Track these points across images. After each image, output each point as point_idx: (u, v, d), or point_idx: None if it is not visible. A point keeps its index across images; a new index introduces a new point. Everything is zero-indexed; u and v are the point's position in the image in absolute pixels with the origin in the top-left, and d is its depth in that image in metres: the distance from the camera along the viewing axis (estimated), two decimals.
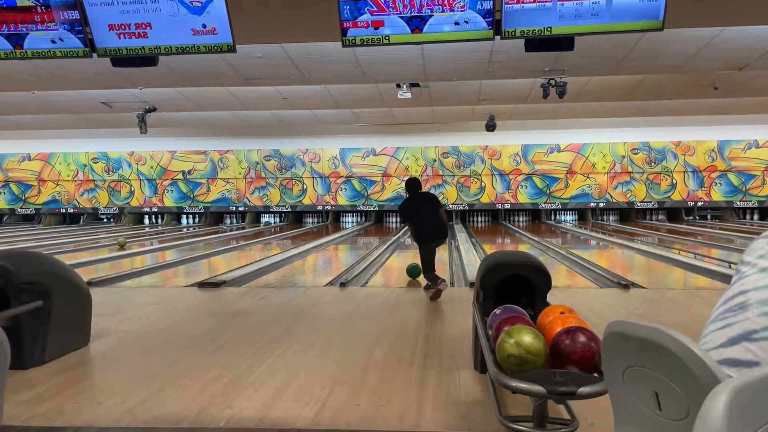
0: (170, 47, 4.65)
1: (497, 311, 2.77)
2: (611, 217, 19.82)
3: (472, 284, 6.26)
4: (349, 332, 4.68)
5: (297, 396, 3.22)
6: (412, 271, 7.59)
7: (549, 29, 4.24)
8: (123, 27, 4.54)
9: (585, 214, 19.61)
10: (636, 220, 19.35)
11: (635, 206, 19.20)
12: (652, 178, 18.99)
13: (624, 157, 19.01)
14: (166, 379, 3.53)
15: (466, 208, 19.47)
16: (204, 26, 4.45)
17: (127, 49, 4.61)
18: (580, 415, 2.70)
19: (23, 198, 20.62)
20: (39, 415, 2.99)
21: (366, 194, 19.65)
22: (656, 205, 19.14)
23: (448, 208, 19.43)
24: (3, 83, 9.74)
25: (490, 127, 15.11)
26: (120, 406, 3.10)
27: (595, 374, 2.24)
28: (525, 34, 4.27)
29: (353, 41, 4.40)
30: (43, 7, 4.49)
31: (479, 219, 19.87)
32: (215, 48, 4.62)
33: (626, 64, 8.87)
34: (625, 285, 6.57)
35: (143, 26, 4.53)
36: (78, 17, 4.53)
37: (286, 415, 2.95)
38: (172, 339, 4.52)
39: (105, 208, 20.50)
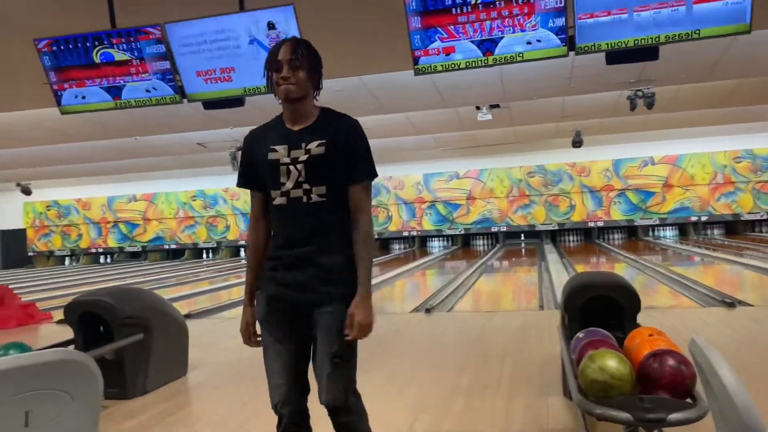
0: (253, 88, 4.90)
1: (580, 335, 2.67)
2: (716, 231, 18.59)
3: None
4: (433, 359, 4.64)
5: (380, 424, 3.22)
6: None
7: (626, 41, 4.12)
8: (209, 72, 4.85)
9: (686, 229, 18.51)
10: (744, 233, 18.04)
11: (742, 218, 17.92)
12: (759, 187, 17.68)
13: (726, 166, 17.86)
14: (256, 408, 3.64)
15: (556, 227, 18.92)
16: None
17: (213, 93, 4.91)
18: None
19: (130, 236, 22.08)
20: None
21: (451, 218, 19.55)
22: (766, 216, 17.78)
23: (536, 228, 18.96)
24: (109, 131, 10.57)
25: (577, 143, 14.70)
26: None
27: (688, 399, 2.11)
28: (601, 48, 4.17)
29: (425, 69, 4.46)
30: (138, 60, 4.88)
31: (570, 238, 19.23)
32: None
33: (720, 70, 8.40)
34: (731, 303, 6.13)
35: (227, 71, 4.81)
36: (169, 67, 4.88)
37: None
38: (259, 369, 4.65)
39: (204, 242, 21.56)
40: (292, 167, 2.06)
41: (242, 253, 21.69)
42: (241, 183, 2.22)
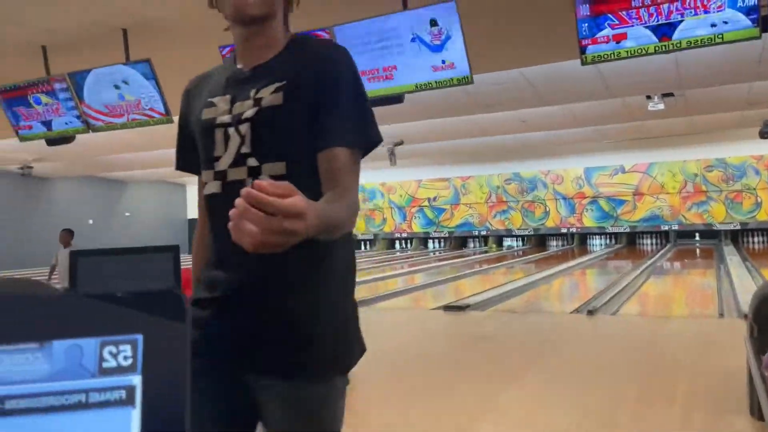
0: (413, 85, 4.97)
1: None
2: None
3: (746, 315, 5.47)
4: (597, 364, 4.42)
5: (542, 427, 3.14)
6: None
7: None
8: (372, 72, 4.99)
9: None
10: None
11: None
12: None
13: None
14: (409, 402, 3.71)
15: (738, 227, 17.09)
16: (443, 62, 4.68)
17: (375, 91, 5.06)
18: None
19: None
20: None
21: (615, 215, 18.45)
22: None
23: (714, 227, 17.26)
24: None
25: (765, 133, 13.15)
26: (363, 427, 3.31)
27: None
28: None
29: (593, 58, 4.22)
30: None
31: (755, 240, 17.26)
32: (454, 81, 4.81)
33: None
34: None
35: (389, 69, 4.93)
36: None
37: None
38: (417, 361, 4.73)
39: (362, 234, 22.42)
40: (231, 130, 1.20)
41: (397, 245, 22.25)
42: (179, 163, 1.37)
